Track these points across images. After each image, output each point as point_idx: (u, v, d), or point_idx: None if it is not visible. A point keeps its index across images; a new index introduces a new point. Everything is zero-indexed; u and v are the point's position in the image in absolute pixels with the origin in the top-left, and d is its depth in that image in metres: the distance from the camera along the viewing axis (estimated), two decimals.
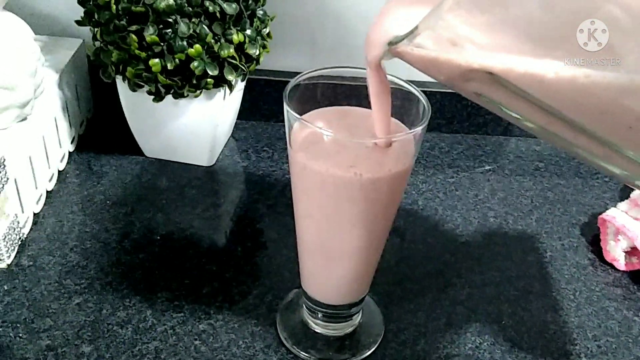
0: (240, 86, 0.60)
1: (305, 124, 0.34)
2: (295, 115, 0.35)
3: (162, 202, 0.56)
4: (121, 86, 0.57)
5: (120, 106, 0.59)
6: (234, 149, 0.65)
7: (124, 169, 0.60)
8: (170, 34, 0.50)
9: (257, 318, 0.46)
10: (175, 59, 0.51)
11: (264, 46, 0.56)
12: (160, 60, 0.51)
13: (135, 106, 0.58)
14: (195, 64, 0.51)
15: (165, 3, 0.49)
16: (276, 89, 0.67)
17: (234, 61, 0.53)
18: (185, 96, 0.54)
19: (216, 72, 0.52)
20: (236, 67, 0.54)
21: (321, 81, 0.38)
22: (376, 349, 0.45)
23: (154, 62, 0.50)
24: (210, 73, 0.52)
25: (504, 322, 0.48)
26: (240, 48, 0.53)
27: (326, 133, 0.34)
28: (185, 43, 0.50)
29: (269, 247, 0.53)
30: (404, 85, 0.37)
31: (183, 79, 0.52)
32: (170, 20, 0.50)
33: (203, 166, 0.62)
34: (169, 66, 0.51)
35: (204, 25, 0.51)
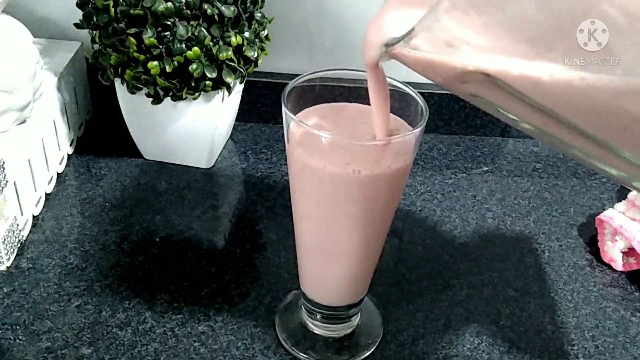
0: (238, 88, 0.60)
1: (303, 125, 0.34)
2: (292, 117, 0.35)
3: (161, 204, 0.57)
4: (120, 89, 0.57)
5: (119, 109, 0.59)
6: (232, 151, 0.65)
7: (123, 171, 0.60)
8: (168, 37, 0.50)
9: (256, 319, 0.46)
10: (174, 61, 0.51)
11: (262, 48, 0.57)
12: (158, 63, 0.51)
13: (134, 109, 0.58)
14: (193, 66, 0.51)
15: (163, 6, 0.49)
16: (274, 91, 0.67)
17: (232, 63, 0.53)
18: (184, 98, 0.54)
19: (215, 75, 0.52)
20: (234, 70, 0.54)
21: (319, 83, 0.38)
22: (375, 350, 0.45)
23: (153, 65, 0.51)
24: (208, 75, 0.52)
25: (502, 323, 0.48)
26: (238, 50, 0.54)
27: (324, 135, 0.34)
28: (183, 46, 0.50)
29: (267, 249, 0.53)
30: (402, 87, 0.37)
31: (182, 81, 0.53)
32: (168, 23, 0.50)
33: (202, 168, 0.62)
34: (168, 69, 0.51)
35: (202, 28, 0.51)
